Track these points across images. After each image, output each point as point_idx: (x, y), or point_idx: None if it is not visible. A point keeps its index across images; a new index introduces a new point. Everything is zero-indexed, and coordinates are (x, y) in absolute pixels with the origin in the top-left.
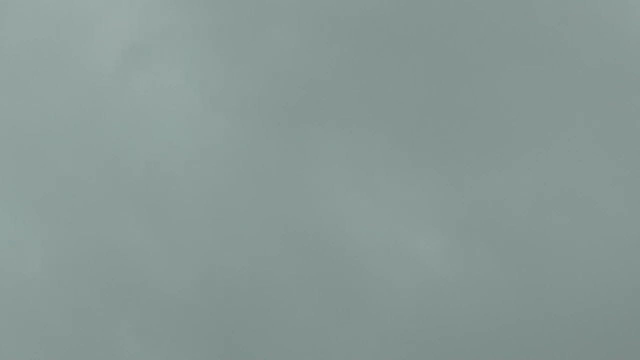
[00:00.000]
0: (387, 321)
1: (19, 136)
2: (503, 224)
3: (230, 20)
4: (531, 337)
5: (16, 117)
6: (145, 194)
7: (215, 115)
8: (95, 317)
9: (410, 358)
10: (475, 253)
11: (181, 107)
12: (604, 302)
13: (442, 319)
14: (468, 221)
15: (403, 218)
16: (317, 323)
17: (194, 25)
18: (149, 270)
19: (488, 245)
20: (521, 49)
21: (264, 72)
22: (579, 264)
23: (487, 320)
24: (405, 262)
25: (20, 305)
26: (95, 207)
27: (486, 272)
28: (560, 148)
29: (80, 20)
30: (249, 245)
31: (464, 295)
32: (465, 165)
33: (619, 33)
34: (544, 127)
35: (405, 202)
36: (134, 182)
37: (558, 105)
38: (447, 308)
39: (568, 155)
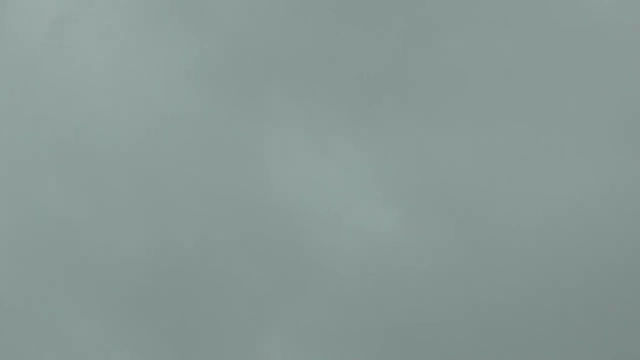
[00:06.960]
0: (338, 288)
1: None
2: (456, 189)
3: None
4: (482, 302)
5: None
6: (89, 165)
7: (159, 82)
8: (38, 292)
9: (362, 326)
10: (428, 218)
11: (120, 75)
12: (557, 268)
13: (393, 285)
14: (421, 186)
15: (356, 183)
16: (268, 293)
17: None
18: (93, 243)
19: (441, 211)
20: (472, 13)
21: (211, 35)
22: (532, 229)
23: (440, 286)
24: (357, 228)
25: None
26: (36, 178)
27: (438, 237)
28: (514, 112)
29: None
30: (198, 214)
31: (416, 260)
32: (420, 130)
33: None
34: (498, 91)
35: (358, 167)
36: (75, 153)
37: (510, 68)
38: (398, 273)
39: (522, 118)
